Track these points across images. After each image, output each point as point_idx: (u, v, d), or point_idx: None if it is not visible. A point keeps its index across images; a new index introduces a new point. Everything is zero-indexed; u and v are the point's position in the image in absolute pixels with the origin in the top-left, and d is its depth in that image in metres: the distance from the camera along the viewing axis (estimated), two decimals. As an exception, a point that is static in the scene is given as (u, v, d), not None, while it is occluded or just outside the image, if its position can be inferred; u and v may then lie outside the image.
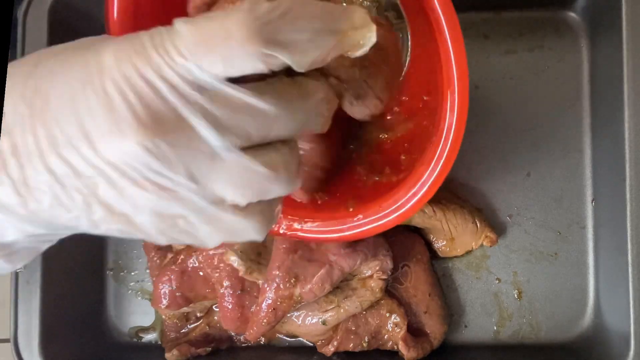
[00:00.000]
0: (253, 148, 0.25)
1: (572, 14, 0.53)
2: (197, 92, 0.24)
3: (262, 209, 0.27)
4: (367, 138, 0.40)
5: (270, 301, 0.45)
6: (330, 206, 0.39)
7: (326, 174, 0.38)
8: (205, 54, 0.23)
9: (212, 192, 0.25)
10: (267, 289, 0.45)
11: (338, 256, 0.45)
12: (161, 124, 0.23)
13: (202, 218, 0.26)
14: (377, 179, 0.39)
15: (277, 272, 0.44)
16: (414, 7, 0.35)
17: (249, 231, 0.27)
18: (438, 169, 0.34)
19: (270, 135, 0.26)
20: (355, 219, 0.37)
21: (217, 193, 0.25)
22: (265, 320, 0.45)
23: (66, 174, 0.24)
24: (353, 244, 0.46)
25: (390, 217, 0.36)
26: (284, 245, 0.45)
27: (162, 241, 0.27)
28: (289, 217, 0.39)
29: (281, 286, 0.44)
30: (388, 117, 0.40)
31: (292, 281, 0.44)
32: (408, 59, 0.38)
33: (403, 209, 0.35)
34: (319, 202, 0.37)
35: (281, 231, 0.39)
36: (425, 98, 0.37)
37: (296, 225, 0.39)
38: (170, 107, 0.23)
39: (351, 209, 0.38)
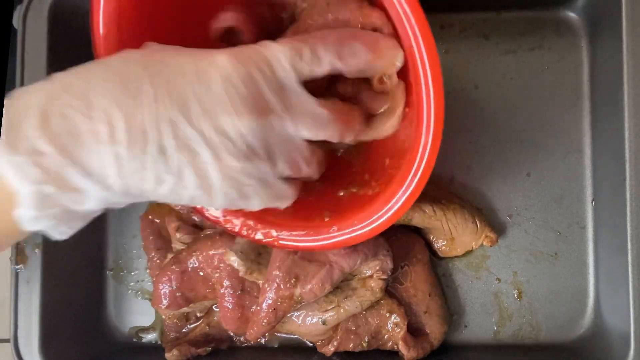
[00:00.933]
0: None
1: (572, 14, 0.53)
2: (286, 91, 0.33)
3: (297, 183, 0.37)
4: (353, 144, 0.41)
5: (270, 301, 0.45)
6: (307, 215, 0.40)
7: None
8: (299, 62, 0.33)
9: (277, 167, 0.34)
10: (268, 289, 0.45)
11: (338, 256, 0.45)
12: (263, 110, 0.32)
13: (264, 186, 0.34)
14: (354, 190, 0.41)
15: (278, 272, 0.44)
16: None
17: (289, 198, 0.36)
18: (411, 189, 0.35)
19: (318, 135, 0.35)
20: (330, 230, 0.39)
21: (279, 169, 0.34)
22: (265, 320, 0.45)
23: (171, 146, 0.31)
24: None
25: (363, 231, 0.38)
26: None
27: (219, 207, 0.34)
28: (268, 224, 0.41)
29: (281, 286, 0.44)
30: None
31: (292, 281, 0.44)
32: None
33: (375, 224, 0.37)
34: (293, 207, 0.38)
35: (257, 237, 0.41)
36: (406, 110, 0.37)
37: (273, 233, 0.41)
38: (269, 99, 0.32)
39: (327, 219, 0.40)
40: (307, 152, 0.35)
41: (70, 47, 0.53)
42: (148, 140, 0.31)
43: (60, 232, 0.33)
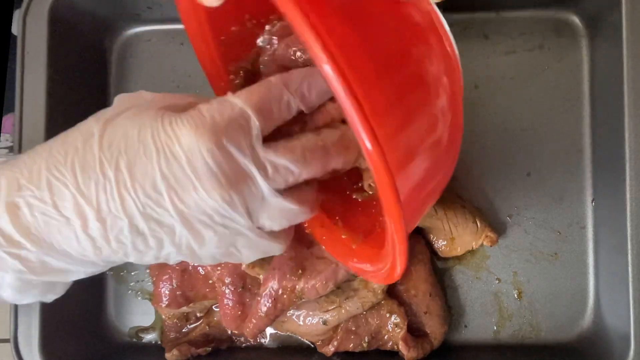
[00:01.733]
0: (289, 189, 0.33)
1: (572, 14, 0.53)
2: (256, 155, 0.31)
3: (287, 233, 0.36)
4: None
5: (272, 290, 0.45)
6: (347, 234, 0.40)
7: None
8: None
9: (258, 224, 0.33)
10: (271, 277, 0.44)
11: None
12: (233, 181, 0.31)
13: (248, 244, 0.34)
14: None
15: (287, 259, 0.44)
16: None
17: (278, 249, 0.35)
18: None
19: (300, 179, 0.33)
20: (352, 259, 0.38)
21: (261, 224, 0.33)
22: (264, 310, 0.45)
23: (145, 227, 0.31)
24: None
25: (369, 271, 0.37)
26: (299, 239, 0.45)
27: (209, 263, 0.34)
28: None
29: (287, 275, 0.44)
30: None
31: (298, 272, 0.44)
32: None
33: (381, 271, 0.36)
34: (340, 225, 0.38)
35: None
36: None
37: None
38: (239, 168, 0.31)
39: (354, 246, 0.39)
40: (298, 203, 0.34)
41: (70, 48, 0.53)
42: (122, 227, 0.31)
43: (48, 299, 0.36)
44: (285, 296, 0.45)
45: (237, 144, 0.30)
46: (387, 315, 0.49)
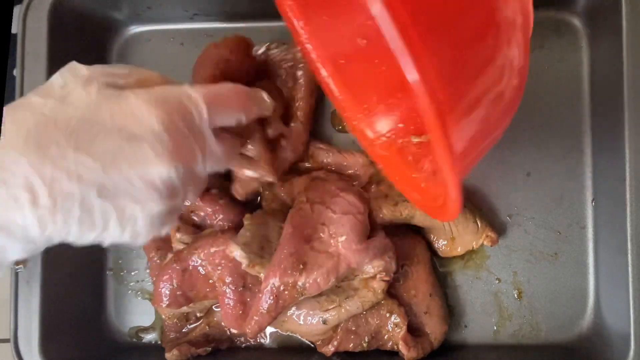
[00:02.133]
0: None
1: (572, 14, 0.53)
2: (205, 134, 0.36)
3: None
4: None
5: (273, 287, 0.44)
6: None
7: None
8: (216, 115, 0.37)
9: (187, 195, 0.37)
10: (272, 273, 0.44)
11: (348, 250, 0.45)
12: (181, 154, 0.34)
13: (175, 213, 0.37)
14: None
15: (288, 255, 0.44)
16: None
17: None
18: None
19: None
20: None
21: (189, 195, 0.37)
22: (265, 307, 0.45)
23: (96, 204, 0.32)
24: (367, 242, 0.46)
25: None
26: (298, 234, 0.45)
27: (141, 240, 0.36)
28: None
29: (288, 270, 0.44)
30: None
31: (299, 267, 0.44)
32: None
33: None
34: None
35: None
36: None
37: None
38: (188, 142, 0.35)
39: (422, 185, 0.43)
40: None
41: (70, 47, 0.53)
42: (73, 202, 0.32)
43: None
44: (286, 292, 0.45)
45: (186, 122, 0.35)
46: (387, 315, 0.49)
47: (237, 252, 0.45)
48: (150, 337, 0.56)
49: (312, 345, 0.53)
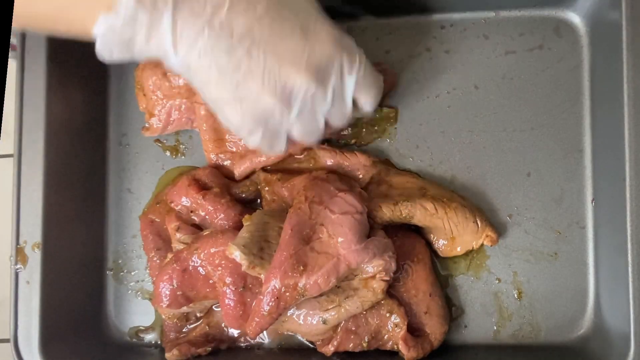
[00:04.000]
0: None
1: (572, 14, 0.53)
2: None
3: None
4: None
5: (274, 289, 0.44)
6: None
7: None
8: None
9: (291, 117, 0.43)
10: (272, 276, 0.44)
11: (348, 251, 0.45)
12: (319, 76, 0.41)
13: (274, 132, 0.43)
14: None
15: (287, 257, 0.44)
16: None
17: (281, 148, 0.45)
18: None
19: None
20: None
21: (292, 121, 0.43)
22: (266, 309, 0.45)
23: (245, 62, 0.39)
24: (366, 242, 0.46)
25: None
26: (297, 235, 0.45)
27: (255, 137, 0.43)
28: None
29: (288, 272, 0.44)
30: None
31: (300, 268, 0.44)
32: None
33: None
34: None
35: None
36: None
37: None
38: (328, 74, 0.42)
39: None
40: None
41: (70, 47, 0.53)
42: (236, 42, 0.39)
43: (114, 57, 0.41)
44: (287, 294, 0.45)
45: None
46: (387, 315, 0.49)
47: (236, 254, 0.45)
48: (150, 337, 0.56)
49: (312, 345, 0.53)
